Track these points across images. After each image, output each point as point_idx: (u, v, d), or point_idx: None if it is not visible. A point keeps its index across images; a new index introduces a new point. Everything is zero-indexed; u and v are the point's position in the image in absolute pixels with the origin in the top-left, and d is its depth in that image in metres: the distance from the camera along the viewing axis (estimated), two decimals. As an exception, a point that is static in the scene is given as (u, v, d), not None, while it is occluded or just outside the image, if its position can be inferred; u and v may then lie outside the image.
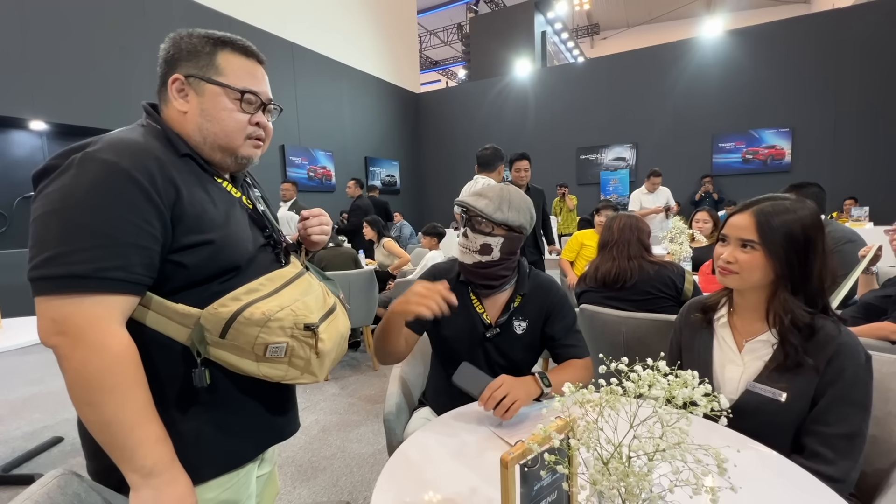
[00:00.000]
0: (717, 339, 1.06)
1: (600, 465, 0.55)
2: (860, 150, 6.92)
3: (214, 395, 0.73)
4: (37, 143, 4.76)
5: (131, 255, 0.63)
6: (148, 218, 0.64)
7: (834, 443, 0.85)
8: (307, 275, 0.84)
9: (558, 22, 11.95)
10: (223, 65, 0.76)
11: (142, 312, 0.67)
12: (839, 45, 6.89)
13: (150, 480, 0.62)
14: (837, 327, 0.90)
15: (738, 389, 0.98)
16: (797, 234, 0.91)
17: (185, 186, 0.69)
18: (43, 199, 0.62)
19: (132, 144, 0.67)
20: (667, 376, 0.54)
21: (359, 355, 3.72)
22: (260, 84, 0.80)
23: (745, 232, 0.95)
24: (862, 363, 0.87)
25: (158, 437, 0.64)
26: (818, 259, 0.92)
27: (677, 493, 0.51)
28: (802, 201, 0.96)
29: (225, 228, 0.73)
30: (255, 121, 0.79)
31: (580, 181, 9.10)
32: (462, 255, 1.17)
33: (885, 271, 2.20)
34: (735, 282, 0.98)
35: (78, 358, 0.59)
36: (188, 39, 0.75)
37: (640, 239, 1.92)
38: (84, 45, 4.76)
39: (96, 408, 0.60)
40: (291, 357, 0.73)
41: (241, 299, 0.70)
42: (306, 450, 2.23)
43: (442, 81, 18.13)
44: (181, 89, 0.75)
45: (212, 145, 0.76)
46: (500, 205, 1.11)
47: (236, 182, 0.84)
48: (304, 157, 7.59)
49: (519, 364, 1.22)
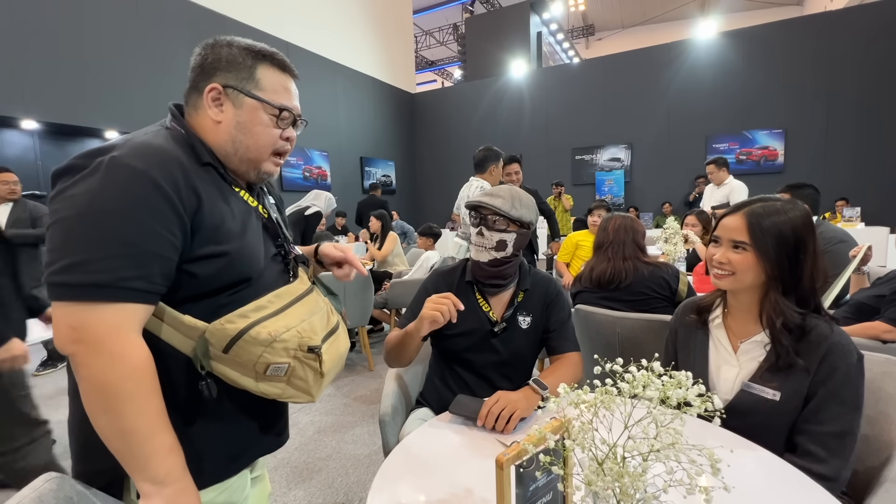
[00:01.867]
0: (713, 339, 1.06)
1: (595, 465, 0.55)
2: (852, 151, 6.99)
3: (213, 407, 0.73)
4: (28, 143, 4.72)
5: (153, 265, 0.62)
6: (171, 228, 0.64)
7: (826, 441, 0.86)
8: (314, 292, 0.84)
9: (554, 23, 11.99)
10: (262, 79, 0.76)
11: (153, 322, 0.67)
12: (832, 47, 6.96)
13: (163, 490, 0.62)
14: (830, 327, 0.91)
15: (733, 390, 0.98)
16: (787, 235, 0.92)
17: (207, 196, 0.69)
18: (67, 200, 0.61)
19: (159, 151, 0.66)
20: (661, 377, 0.55)
21: (354, 356, 3.71)
22: (294, 100, 0.81)
23: (736, 233, 0.96)
24: (854, 363, 0.88)
25: (172, 446, 0.64)
26: (809, 260, 0.93)
27: (671, 493, 0.51)
28: (793, 202, 0.97)
29: (240, 240, 0.73)
30: (286, 136, 0.80)
31: (575, 181, 9.13)
32: (478, 253, 1.21)
33: (876, 271, 2.23)
34: (729, 283, 0.99)
35: (97, 366, 0.59)
36: (228, 49, 0.75)
37: (635, 239, 1.93)
38: (76, 44, 4.71)
39: (113, 416, 0.60)
40: (291, 377, 0.73)
41: (248, 317, 0.70)
42: (301, 451, 2.22)
43: (438, 81, 18.13)
44: (217, 98, 0.74)
45: (241, 157, 0.76)
46: (514, 203, 1.18)
47: (252, 191, 0.84)
48: (299, 157, 7.57)
49: (525, 357, 1.26)
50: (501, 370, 1.24)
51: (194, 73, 0.75)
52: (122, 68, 5.08)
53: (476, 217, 1.21)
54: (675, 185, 8.07)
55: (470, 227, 1.23)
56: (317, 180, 7.91)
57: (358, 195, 9.05)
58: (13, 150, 4.62)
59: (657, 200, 8.32)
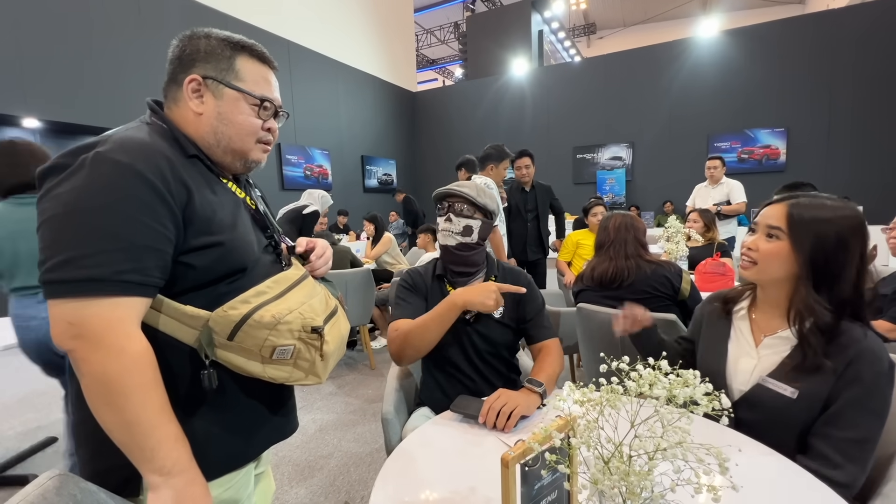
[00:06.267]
0: (735, 330, 1.05)
1: (601, 464, 0.54)
2: (854, 150, 6.97)
3: (218, 397, 0.73)
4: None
5: (147, 258, 0.63)
6: (162, 220, 0.64)
7: (843, 447, 0.83)
8: (310, 278, 0.85)
9: (555, 21, 11.96)
10: (242, 70, 0.76)
11: (151, 314, 0.67)
12: (834, 46, 6.94)
13: (170, 480, 0.63)
14: (864, 332, 0.87)
15: (749, 381, 0.97)
16: (828, 233, 0.88)
17: (196, 188, 0.69)
18: (54, 199, 0.61)
19: (143, 145, 0.66)
20: (668, 375, 0.54)
21: (356, 354, 3.72)
22: (274, 91, 0.81)
23: (774, 220, 0.93)
24: (884, 371, 0.84)
25: (177, 437, 0.65)
26: (852, 264, 0.88)
27: (679, 492, 0.51)
28: (846, 203, 0.92)
29: (233, 230, 0.73)
30: (268, 126, 0.80)
31: (576, 180, 9.12)
32: (445, 238, 1.29)
33: (881, 270, 2.22)
34: (752, 273, 0.96)
35: (97, 361, 0.59)
36: (206, 40, 0.74)
37: (637, 237, 1.92)
38: (77, 43, 4.71)
39: (116, 409, 0.60)
40: (297, 359, 0.74)
41: (250, 302, 0.70)
42: (303, 449, 2.22)
43: (439, 80, 18.11)
44: (197, 90, 0.74)
45: (224, 148, 0.77)
46: (479, 192, 1.29)
47: (239, 182, 0.84)
48: (300, 156, 7.56)
49: (500, 346, 1.29)
50: (483, 361, 1.27)
51: (172, 66, 0.75)
52: (124, 67, 5.08)
53: (444, 206, 1.30)
54: (676, 184, 8.05)
55: (438, 218, 1.32)
56: (318, 179, 7.91)
57: (359, 193, 9.05)
58: (14, 148, 4.62)
59: (659, 199, 8.31)
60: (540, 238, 3.48)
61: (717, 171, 4.09)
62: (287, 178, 7.31)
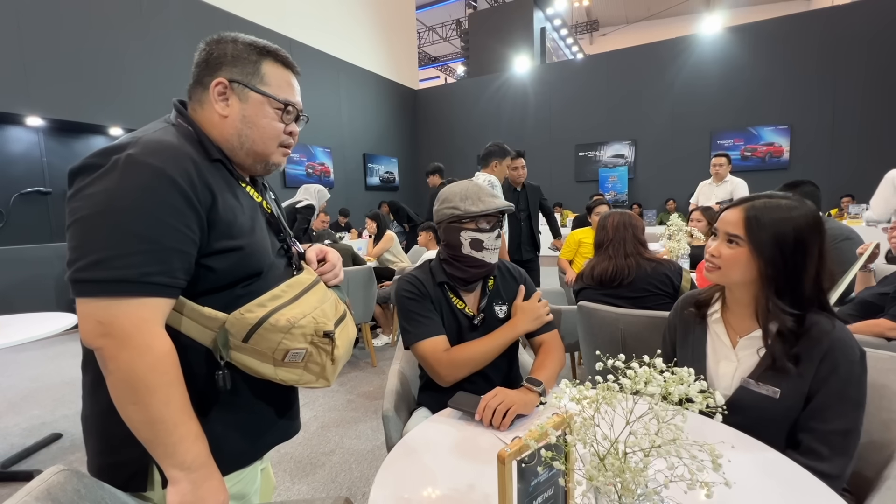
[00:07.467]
0: (711, 334, 1.06)
1: (597, 460, 0.55)
2: (858, 148, 6.93)
3: (231, 397, 0.75)
4: (33, 139, 4.74)
5: (174, 260, 0.64)
6: (189, 223, 0.66)
7: (829, 439, 0.85)
8: (321, 282, 0.86)
9: (557, 18, 11.91)
10: (267, 74, 0.77)
11: (173, 316, 0.69)
12: (838, 43, 6.90)
13: (190, 475, 0.65)
14: (831, 322, 0.89)
15: (731, 386, 0.98)
16: (787, 234, 0.89)
17: (219, 192, 0.71)
18: (85, 199, 0.62)
19: (172, 148, 0.67)
20: (663, 373, 0.55)
21: (357, 352, 3.73)
22: (296, 95, 0.83)
23: (732, 227, 0.95)
24: (856, 359, 0.87)
25: (197, 434, 0.67)
26: (812, 263, 0.90)
27: (672, 488, 0.52)
28: (801, 201, 0.93)
29: (252, 235, 0.75)
30: (290, 130, 0.82)
31: (578, 178, 9.10)
32: (490, 255, 1.23)
33: (883, 269, 2.21)
34: (716, 277, 0.98)
35: (125, 359, 0.61)
36: (233, 45, 0.76)
37: (636, 235, 1.92)
38: (80, 41, 4.73)
39: (142, 407, 0.62)
40: (308, 362, 0.75)
41: (266, 305, 0.71)
42: (305, 446, 2.23)
43: (441, 78, 18.08)
44: (223, 93, 0.75)
45: (247, 151, 0.78)
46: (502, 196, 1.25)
47: (256, 185, 0.86)
48: (302, 154, 7.58)
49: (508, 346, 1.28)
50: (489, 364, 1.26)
51: (199, 69, 0.76)
52: (127, 65, 5.09)
53: (492, 221, 1.22)
54: (679, 182, 8.04)
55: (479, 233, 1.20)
56: (320, 176, 7.93)
57: (361, 191, 9.06)
58: (18, 146, 4.64)
59: (661, 197, 8.29)
60: (533, 237, 3.50)
61: (722, 169, 4.05)
62: (289, 175, 7.33)
